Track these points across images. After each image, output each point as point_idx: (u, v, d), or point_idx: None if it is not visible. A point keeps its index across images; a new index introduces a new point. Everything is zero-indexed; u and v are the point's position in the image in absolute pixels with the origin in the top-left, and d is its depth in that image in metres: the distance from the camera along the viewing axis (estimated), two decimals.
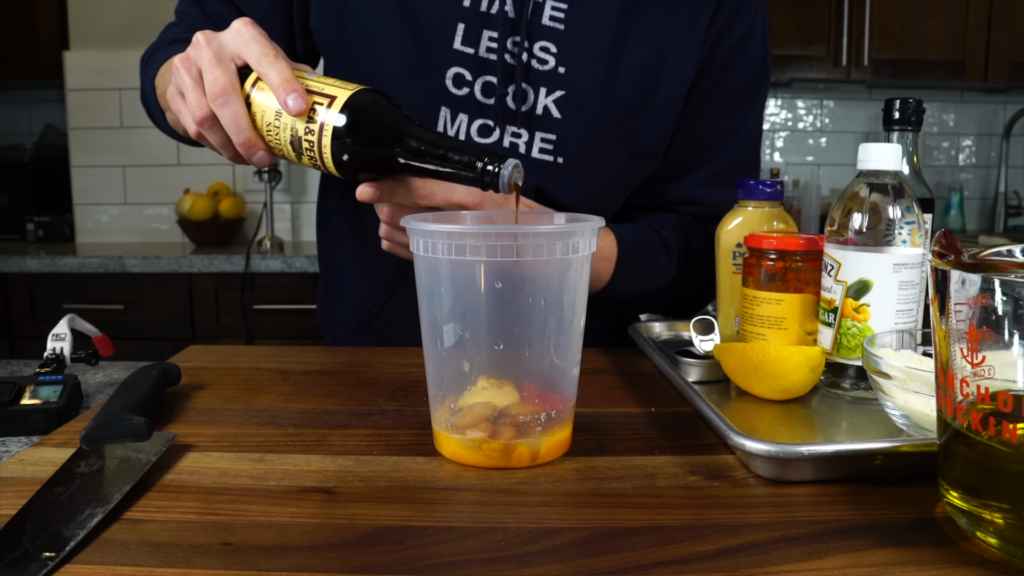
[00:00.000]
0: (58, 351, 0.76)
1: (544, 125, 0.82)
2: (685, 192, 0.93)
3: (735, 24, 0.85)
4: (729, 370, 0.71)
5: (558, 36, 0.80)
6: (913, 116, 0.73)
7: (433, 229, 0.53)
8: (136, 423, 0.56)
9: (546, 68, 0.81)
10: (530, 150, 0.83)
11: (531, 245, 0.52)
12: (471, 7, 0.79)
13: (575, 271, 0.55)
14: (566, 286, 0.55)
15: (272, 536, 0.45)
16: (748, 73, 0.88)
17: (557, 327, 0.55)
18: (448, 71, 0.80)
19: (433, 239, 0.53)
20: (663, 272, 0.89)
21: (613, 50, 0.81)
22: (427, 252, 0.54)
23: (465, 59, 0.80)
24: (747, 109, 0.90)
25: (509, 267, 0.52)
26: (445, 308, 0.54)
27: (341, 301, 1.01)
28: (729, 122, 0.90)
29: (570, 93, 0.81)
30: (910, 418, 0.57)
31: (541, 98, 0.81)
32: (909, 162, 0.74)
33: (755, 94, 0.90)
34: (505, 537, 0.45)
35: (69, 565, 0.41)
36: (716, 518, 0.47)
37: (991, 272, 0.41)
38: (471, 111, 0.82)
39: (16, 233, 2.67)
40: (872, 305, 0.65)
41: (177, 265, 2.25)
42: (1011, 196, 2.92)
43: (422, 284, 0.56)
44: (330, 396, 0.72)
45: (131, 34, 2.59)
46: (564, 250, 0.53)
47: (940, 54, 2.54)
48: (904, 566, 0.42)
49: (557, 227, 0.54)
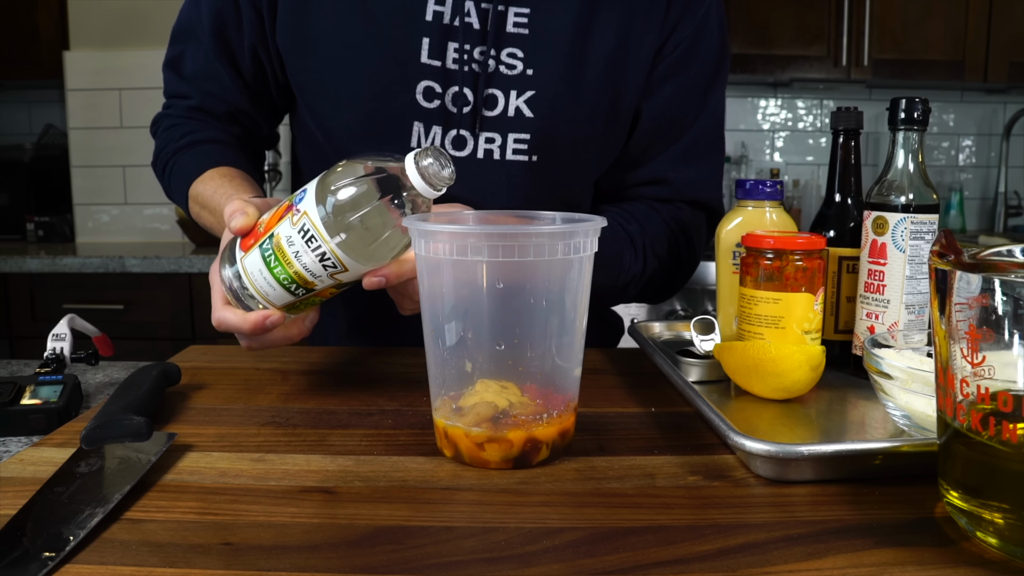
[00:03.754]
0: (58, 351, 0.76)
1: (517, 126, 0.84)
2: (653, 172, 0.94)
3: (691, 8, 0.87)
4: (729, 369, 0.71)
5: (523, 41, 0.82)
6: (920, 116, 0.73)
7: (435, 229, 0.53)
8: (136, 423, 0.56)
9: (514, 72, 0.82)
10: (504, 153, 0.84)
11: (533, 245, 0.52)
12: (434, 21, 0.80)
13: (576, 271, 0.55)
14: (568, 286, 0.55)
15: (272, 536, 0.45)
16: (709, 54, 0.89)
17: (559, 327, 0.55)
18: (418, 85, 0.81)
19: (435, 239, 0.53)
20: (629, 266, 0.90)
21: (575, 46, 0.83)
22: (429, 252, 0.54)
23: (433, 72, 0.81)
24: (711, 87, 0.92)
25: (511, 267, 0.52)
26: (447, 308, 0.55)
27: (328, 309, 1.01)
28: (695, 102, 0.91)
29: (539, 92, 0.83)
30: (911, 419, 0.57)
31: (512, 100, 0.83)
32: (915, 163, 0.74)
33: (718, 72, 0.92)
34: (505, 537, 0.45)
35: (69, 565, 0.41)
36: (716, 518, 0.47)
37: (991, 272, 0.41)
38: (443, 123, 0.83)
39: (16, 233, 2.67)
40: None
41: (177, 265, 2.25)
42: (1011, 196, 2.91)
43: (424, 285, 0.56)
44: (330, 396, 0.72)
45: (131, 34, 2.59)
46: (566, 250, 0.53)
47: (940, 54, 2.54)
48: (904, 566, 0.42)
49: (559, 227, 0.54)
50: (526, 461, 0.55)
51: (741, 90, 2.89)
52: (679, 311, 2.22)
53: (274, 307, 0.64)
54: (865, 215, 0.74)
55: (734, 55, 2.53)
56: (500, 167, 0.84)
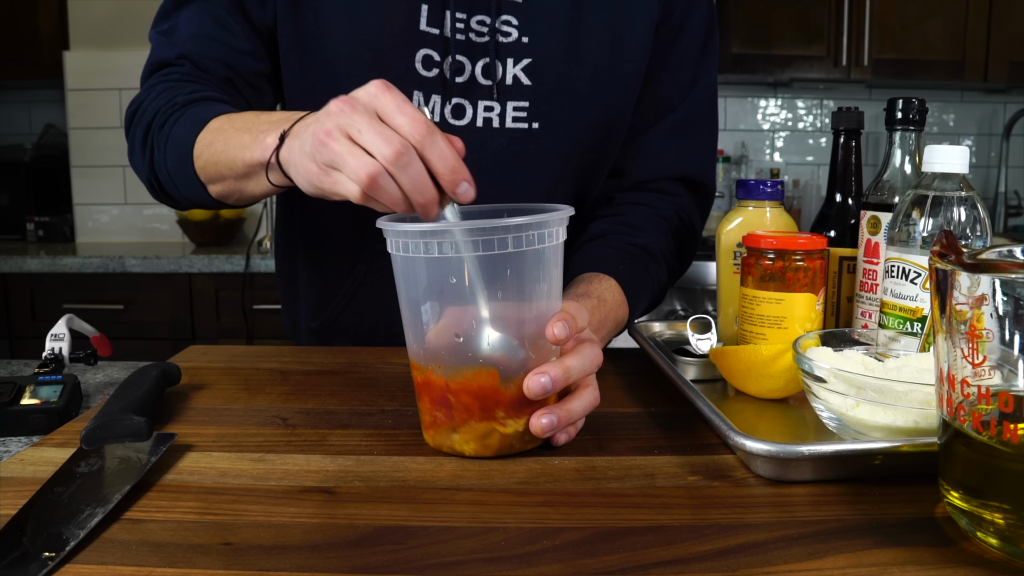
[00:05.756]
0: (57, 351, 0.76)
1: (516, 94, 0.84)
2: (644, 147, 0.94)
3: None
4: (725, 373, 0.71)
5: (518, 9, 0.82)
6: (916, 116, 0.73)
7: (407, 229, 0.54)
8: (136, 423, 0.56)
9: (510, 40, 0.83)
10: (503, 121, 0.84)
11: (503, 238, 0.53)
12: None
13: (548, 259, 0.56)
14: (542, 274, 0.56)
15: (272, 536, 0.45)
16: (699, 26, 0.91)
17: (537, 318, 0.56)
18: (417, 54, 0.81)
19: (407, 238, 0.54)
20: (659, 279, 0.91)
21: (573, 12, 0.83)
22: (403, 251, 0.55)
23: (432, 40, 0.81)
24: (703, 59, 0.93)
25: (485, 260, 0.53)
26: (424, 304, 0.56)
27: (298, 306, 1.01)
28: (688, 73, 0.92)
29: (536, 59, 0.83)
30: (841, 421, 0.57)
31: (509, 68, 0.83)
32: (912, 163, 0.74)
33: (708, 44, 0.93)
34: (505, 537, 0.45)
35: (69, 565, 0.41)
36: (716, 518, 0.47)
37: (991, 272, 0.41)
38: (442, 92, 0.83)
39: (16, 233, 2.67)
40: None
41: (177, 265, 2.25)
42: (1011, 196, 2.91)
43: (400, 284, 0.57)
44: (330, 396, 0.72)
45: (131, 34, 2.59)
46: (539, 240, 0.54)
47: (940, 54, 2.54)
48: (904, 566, 0.42)
49: (530, 219, 0.54)
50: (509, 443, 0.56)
51: (741, 90, 2.89)
52: (679, 311, 2.22)
53: None
54: (861, 215, 0.74)
55: (734, 55, 2.53)
56: (500, 135, 0.85)
